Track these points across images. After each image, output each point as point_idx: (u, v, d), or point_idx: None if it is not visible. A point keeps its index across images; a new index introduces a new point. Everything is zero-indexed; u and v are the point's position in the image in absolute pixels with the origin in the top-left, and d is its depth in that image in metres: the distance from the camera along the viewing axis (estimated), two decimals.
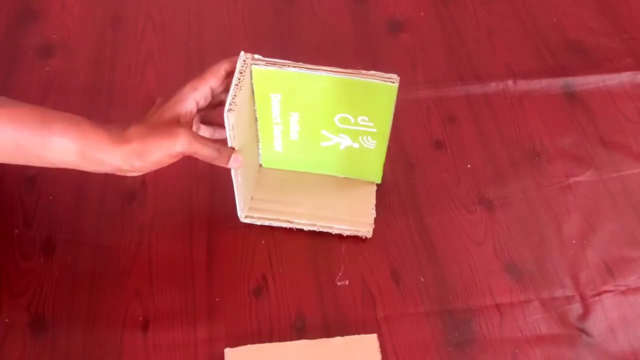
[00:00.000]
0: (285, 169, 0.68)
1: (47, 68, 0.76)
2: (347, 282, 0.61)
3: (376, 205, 0.65)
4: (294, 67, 0.55)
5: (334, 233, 0.63)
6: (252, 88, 0.58)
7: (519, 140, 0.72)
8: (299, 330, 0.58)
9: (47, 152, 0.52)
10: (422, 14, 0.84)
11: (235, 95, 0.54)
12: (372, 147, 0.62)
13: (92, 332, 0.57)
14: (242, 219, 0.63)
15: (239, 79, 0.55)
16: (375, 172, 0.65)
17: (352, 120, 0.60)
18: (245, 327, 0.58)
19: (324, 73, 0.55)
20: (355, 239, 0.63)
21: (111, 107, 0.73)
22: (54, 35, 0.79)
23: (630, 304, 0.61)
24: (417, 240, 0.64)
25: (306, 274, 0.61)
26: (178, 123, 0.54)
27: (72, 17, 0.82)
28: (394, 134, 0.73)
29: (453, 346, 0.58)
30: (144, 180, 0.67)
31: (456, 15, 0.84)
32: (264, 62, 0.55)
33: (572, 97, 0.76)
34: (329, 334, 0.57)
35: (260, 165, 0.68)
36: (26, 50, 0.78)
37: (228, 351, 0.55)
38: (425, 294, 0.60)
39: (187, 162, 0.69)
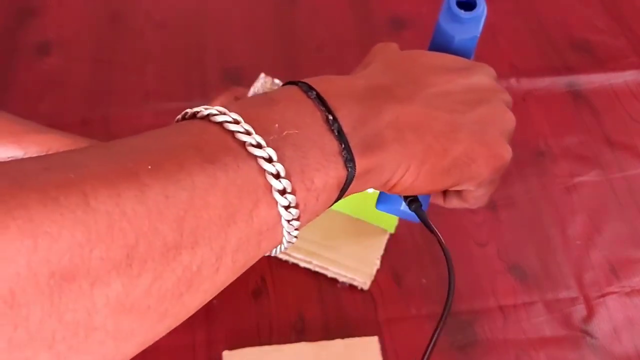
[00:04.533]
0: None
1: (45, 66, 0.76)
2: (347, 284, 0.60)
3: None
4: None
5: (329, 276, 0.60)
6: None
7: (523, 140, 0.71)
8: (298, 332, 0.57)
9: None
10: (424, 11, 0.84)
11: None
12: None
13: None
14: None
15: None
16: (389, 221, 0.62)
17: None
18: (244, 329, 0.57)
19: None
20: None
21: (109, 106, 0.72)
22: (51, 34, 0.79)
23: (635, 306, 0.60)
24: (419, 241, 0.63)
25: (306, 275, 0.61)
26: None
27: (70, 14, 0.81)
28: None
29: (456, 349, 0.57)
30: None
31: None
32: None
33: (576, 96, 0.76)
34: (329, 336, 0.57)
35: None
36: (23, 48, 0.77)
37: (226, 354, 0.55)
38: (427, 296, 0.60)
39: None
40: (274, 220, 0.29)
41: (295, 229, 0.30)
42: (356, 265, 0.60)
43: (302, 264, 0.60)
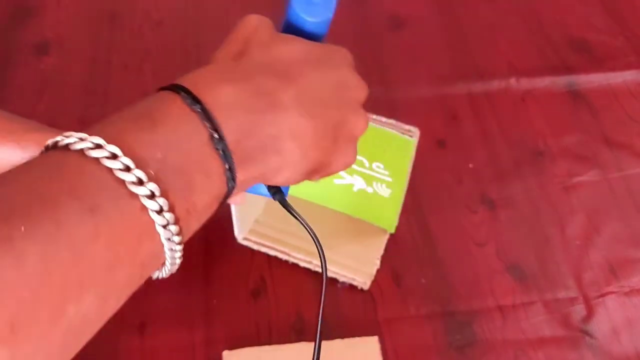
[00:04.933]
0: (298, 197, 0.66)
1: (43, 66, 0.75)
2: (347, 284, 0.60)
3: None
4: None
5: (329, 275, 0.59)
6: None
7: (522, 139, 0.71)
8: (298, 332, 0.57)
9: None
10: (423, 11, 0.84)
11: None
12: (387, 196, 0.59)
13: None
14: (240, 240, 0.61)
15: None
16: (388, 221, 0.62)
17: (367, 164, 0.57)
18: (244, 330, 0.57)
19: None
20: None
21: (107, 105, 0.72)
22: (49, 33, 0.79)
23: (634, 306, 0.60)
24: (419, 241, 0.63)
25: (306, 275, 0.61)
26: None
27: (68, 14, 0.81)
28: None
29: (455, 349, 0.57)
30: None
31: (458, 12, 0.83)
32: None
33: (575, 95, 0.76)
34: (329, 336, 0.57)
35: None
36: (21, 47, 0.77)
37: (226, 354, 0.54)
38: (426, 296, 0.60)
39: None
40: (158, 250, 0.29)
41: (179, 253, 0.30)
42: (356, 265, 0.60)
43: (302, 264, 0.60)
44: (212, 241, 0.62)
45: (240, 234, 0.61)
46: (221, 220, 0.63)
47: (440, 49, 0.79)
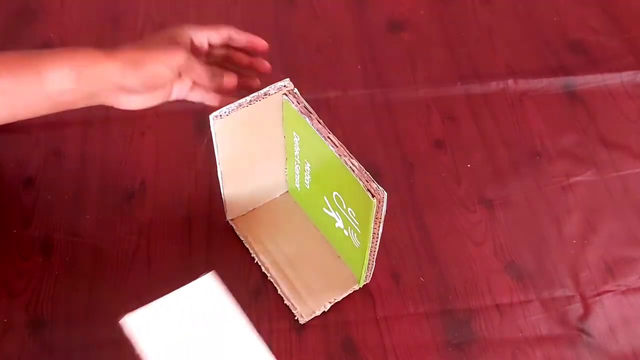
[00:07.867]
0: (302, 207, 0.64)
1: None
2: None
3: None
4: (313, 119, 0.52)
5: (277, 292, 0.59)
6: (282, 113, 0.56)
7: (520, 140, 0.72)
8: (298, 330, 0.58)
9: (43, 83, 0.53)
10: (422, 13, 0.84)
11: (234, 109, 0.52)
12: (357, 246, 0.56)
13: (90, 332, 0.57)
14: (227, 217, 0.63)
15: (255, 97, 0.53)
16: (358, 273, 0.59)
17: (344, 206, 0.54)
18: None
19: (329, 144, 0.50)
20: None
21: (110, 107, 0.73)
22: (52, 35, 0.79)
23: (631, 304, 0.61)
24: (417, 240, 0.64)
25: None
26: (176, 42, 0.56)
27: (71, 16, 0.81)
28: (394, 134, 0.72)
29: (453, 346, 0.57)
30: (142, 179, 0.66)
31: (456, 14, 0.84)
32: (295, 100, 0.53)
33: (572, 96, 0.76)
34: (328, 334, 0.57)
35: (287, 191, 0.66)
36: (25, 49, 0.77)
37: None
38: (425, 294, 0.60)
39: (187, 162, 0.68)
40: None
41: None
42: (306, 295, 0.59)
43: (268, 273, 0.60)
44: (213, 240, 0.63)
45: (229, 215, 0.63)
46: (222, 220, 0.64)
47: (438, 51, 0.80)
